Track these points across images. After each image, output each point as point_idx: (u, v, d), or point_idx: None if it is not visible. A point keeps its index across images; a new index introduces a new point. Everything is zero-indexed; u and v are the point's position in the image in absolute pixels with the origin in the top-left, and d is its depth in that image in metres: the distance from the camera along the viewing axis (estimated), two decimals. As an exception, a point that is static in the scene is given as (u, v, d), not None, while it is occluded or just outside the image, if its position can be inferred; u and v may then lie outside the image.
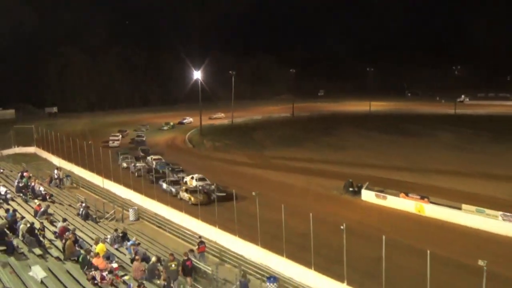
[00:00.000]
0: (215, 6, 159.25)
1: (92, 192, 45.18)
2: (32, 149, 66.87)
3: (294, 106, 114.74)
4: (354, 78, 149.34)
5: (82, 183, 48.41)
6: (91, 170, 49.89)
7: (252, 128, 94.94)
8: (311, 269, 25.56)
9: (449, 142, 72.47)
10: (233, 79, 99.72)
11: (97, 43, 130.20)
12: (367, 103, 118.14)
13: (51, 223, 28.68)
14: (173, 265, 21.75)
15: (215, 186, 41.08)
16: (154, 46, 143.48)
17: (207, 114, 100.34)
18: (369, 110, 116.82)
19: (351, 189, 44.03)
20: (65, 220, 28.15)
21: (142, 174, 49.06)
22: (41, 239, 23.76)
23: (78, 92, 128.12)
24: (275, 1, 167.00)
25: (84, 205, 34.31)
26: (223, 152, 71.42)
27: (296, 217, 29.41)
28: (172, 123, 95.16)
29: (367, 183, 43.66)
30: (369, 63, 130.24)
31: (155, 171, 46.82)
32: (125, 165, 54.23)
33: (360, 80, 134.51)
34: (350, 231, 26.08)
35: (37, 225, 25.33)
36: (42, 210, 29.97)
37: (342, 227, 24.94)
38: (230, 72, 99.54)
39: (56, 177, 45.68)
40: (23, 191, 36.10)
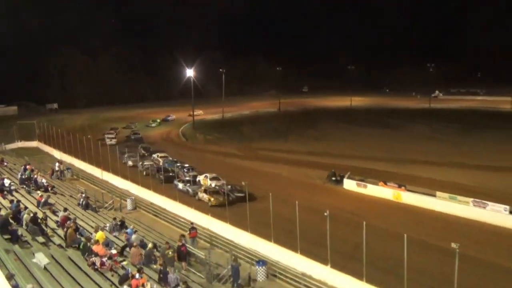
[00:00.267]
0: (207, 8, 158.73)
1: (91, 183, 44.92)
2: (34, 144, 66.33)
3: (280, 102, 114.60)
4: (336, 75, 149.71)
5: (82, 175, 48.13)
6: (91, 163, 49.62)
7: (241, 123, 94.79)
8: (297, 253, 25.66)
9: (424, 134, 73.10)
10: (223, 77, 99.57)
11: (96, 43, 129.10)
12: (349, 98, 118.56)
13: (53, 213, 28.55)
14: (170, 253, 21.90)
15: (232, 186, 38.43)
16: (149, 46, 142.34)
17: (189, 111, 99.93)
18: (350, 105, 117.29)
19: (334, 178, 44.24)
20: (66, 209, 28.05)
21: (152, 173, 46.06)
22: (43, 228, 23.65)
23: (77, 89, 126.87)
24: (264, 4, 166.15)
25: (84, 195, 34.18)
26: (214, 144, 71.33)
27: (282, 204, 29.43)
28: (159, 120, 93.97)
29: (349, 173, 43.91)
30: (350, 61, 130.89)
31: (161, 170, 44.32)
32: (131, 163, 50.58)
33: (342, 77, 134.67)
34: (333, 217, 26.19)
35: (40, 215, 25.17)
36: (43, 200, 29.77)
37: (325, 213, 25.04)
38: (221, 70, 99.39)
39: (57, 169, 45.36)
40: (26, 183, 35.88)
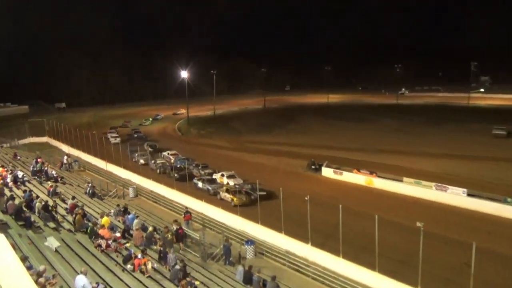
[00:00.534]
0: (200, 15, 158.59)
1: (97, 174, 44.54)
2: (44, 139, 65.48)
3: (265, 99, 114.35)
4: (315, 75, 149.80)
5: (88, 167, 47.67)
6: (96, 156, 49.15)
7: (230, 118, 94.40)
8: (281, 233, 25.78)
9: (392, 126, 73.34)
10: (214, 77, 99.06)
11: (98, 47, 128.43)
12: (326, 95, 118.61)
13: (63, 201, 28.26)
14: (169, 236, 21.89)
15: (253, 185, 34.80)
16: (147, 49, 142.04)
17: (173, 110, 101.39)
18: (327, 102, 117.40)
19: (313, 167, 44.39)
20: (74, 198, 27.78)
21: (166, 171, 42.82)
22: (54, 214, 23.41)
23: (82, 89, 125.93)
24: (249, 10, 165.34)
25: (90, 185, 33.95)
26: (207, 138, 71.02)
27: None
28: (151, 118, 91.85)
29: (326, 162, 44.06)
30: (327, 62, 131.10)
31: (176, 168, 41.33)
32: (142, 161, 47.48)
33: (320, 76, 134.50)
34: (313, 201, 26.27)
35: (50, 203, 24.91)
36: (52, 190, 29.49)
37: (306, 198, 25.12)
38: (212, 71, 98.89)
39: (65, 162, 44.91)
40: (38, 174, 35.41)
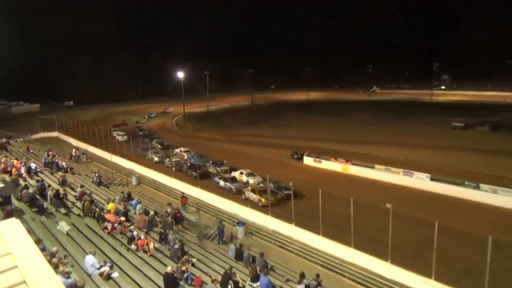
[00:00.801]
0: (194, 19, 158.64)
1: (103, 165, 44.03)
2: (55, 134, 64.59)
3: (253, 97, 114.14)
4: (296, 74, 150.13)
5: (95, 158, 47.11)
6: (101, 148, 48.64)
7: (222, 114, 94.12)
8: (268, 215, 25.92)
9: (365, 120, 73.87)
10: (207, 77, 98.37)
11: (102, 49, 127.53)
12: (306, 93, 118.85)
13: (72, 189, 28.00)
14: (169, 219, 21.89)
15: (277, 183, 31.76)
16: (147, 51, 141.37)
17: (163, 108, 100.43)
18: (308, 99, 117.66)
19: (296, 156, 44.57)
20: (83, 186, 27.62)
21: (184, 169, 38.98)
22: (64, 201, 23.18)
23: (88, 88, 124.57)
24: (238, 16, 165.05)
25: (97, 174, 33.63)
26: (201, 132, 70.69)
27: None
28: (147, 116, 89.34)
29: (307, 151, 44.25)
30: (307, 63, 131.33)
31: (193, 166, 38.02)
32: (156, 159, 44.03)
33: (301, 76, 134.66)
34: (296, 186, 26.44)
35: (61, 191, 24.65)
36: (62, 179, 29.18)
37: (290, 184, 25.25)
38: (205, 72, 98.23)
39: (74, 154, 44.39)
40: (49, 166, 35.04)
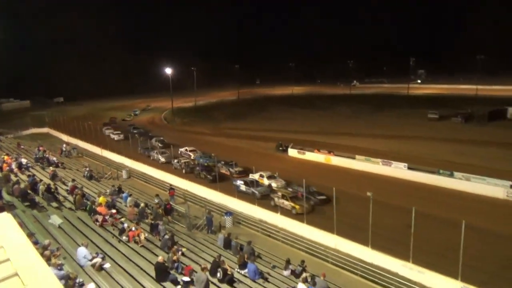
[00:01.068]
0: (182, 19, 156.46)
1: (93, 159, 43.44)
2: (45, 130, 63.42)
3: (239, 92, 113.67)
4: (281, 70, 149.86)
5: (86, 153, 46.44)
6: (92, 143, 47.94)
7: (209, 108, 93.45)
8: (255, 205, 25.98)
9: (346, 113, 74.24)
10: (195, 73, 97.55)
11: (92, 45, 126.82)
12: (290, 88, 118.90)
13: (63, 183, 27.56)
14: (159, 210, 21.75)
15: (309, 188, 27.27)
16: (137, 48, 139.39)
17: (147, 103, 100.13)
18: (292, 93, 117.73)
19: (281, 148, 44.70)
20: (74, 180, 27.15)
21: (196, 171, 35.39)
22: (56, 195, 22.81)
23: (78, 84, 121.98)
24: (223, 16, 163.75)
25: (88, 169, 33.17)
26: (190, 126, 70.17)
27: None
28: (133, 113, 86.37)
29: (292, 143, 44.38)
30: (290, 59, 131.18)
31: (206, 168, 35.13)
32: (163, 160, 40.63)
33: (285, 71, 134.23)
34: (281, 177, 26.57)
35: (52, 185, 24.22)
36: (52, 174, 28.71)
37: (275, 174, 25.31)
38: (192, 68, 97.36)
39: (64, 149, 43.65)
40: (40, 161, 34.43)
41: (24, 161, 31.81)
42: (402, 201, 24.94)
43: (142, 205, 22.19)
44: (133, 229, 17.68)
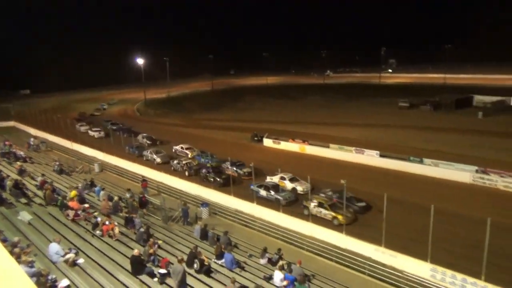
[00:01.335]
0: (155, 6, 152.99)
1: (63, 153, 42.10)
2: (11, 123, 60.82)
3: (213, 82, 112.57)
4: (255, 60, 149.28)
5: (55, 147, 44.92)
6: (62, 136, 46.42)
7: (183, 99, 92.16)
8: (231, 196, 26.01)
9: (319, 103, 74.98)
10: (167, 64, 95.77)
11: (61, 35, 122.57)
12: (265, 78, 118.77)
13: (32, 178, 26.66)
14: (134, 203, 21.46)
15: (351, 196, 23.83)
16: (108, 37, 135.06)
17: (112, 96, 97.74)
18: (267, 83, 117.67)
19: (256, 138, 44.77)
20: (43, 175, 26.39)
21: (202, 173, 31.06)
22: (25, 191, 22.04)
23: (47, 76, 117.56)
24: (197, 7, 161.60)
25: (58, 163, 32.24)
26: (163, 117, 69.01)
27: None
28: (101, 107, 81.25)
29: (267, 133, 44.50)
30: (265, 49, 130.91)
31: (205, 167, 32.05)
32: (159, 160, 36.40)
33: (260, 61, 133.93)
34: (257, 167, 26.65)
35: (20, 181, 23.38)
36: (19, 169, 27.73)
37: (251, 165, 25.38)
38: (165, 58, 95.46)
39: (32, 143, 42.13)
40: (6, 156, 33.10)
41: (-12, 156, 30.59)
42: (374, 187, 25.48)
43: (116, 198, 21.82)
44: (107, 223, 17.38)
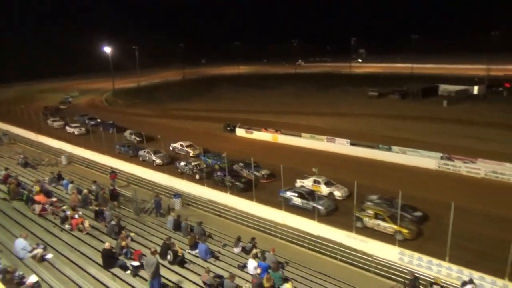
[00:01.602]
0: None
1: (28, 145, 40.45)
2: (-32, 115, 57.66)
3: (184, 72, 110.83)
4: (226, 49, 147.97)
5: (19, 139, 43.04)
6: (25, 128, 44.53)
7: (153, 89, 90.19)
8: (204, 186, 25.90)
9: (291, 92, 75.21)
10: (136, 53, 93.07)
11: (23, 23, 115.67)
12: (237, 67, 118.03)
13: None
14: (105, 195, 21.01)
15: (395, 201, 19.82)
16: (72, 27, 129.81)
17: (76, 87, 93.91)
18: (238, 72, 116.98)
19: (228, 128, 44.62)
20: (7, 169, 25.20)
21: (216, 177, 27.40)
22: (-14, 186, 21.09)
23: (5, 66, 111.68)
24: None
25: (22, 156, 30.90)
26: (133, 108, 67.28)
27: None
28: (66, 100, 74.09)
29: (239, 123, 44.38)
30: (236, 38, 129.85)
31: (220, 169, 28.31)
32: (159, 161, 32.70)
33: (231, 50, 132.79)
34: (230, 156, 26.59)
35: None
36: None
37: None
38: (134, 47, 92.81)
39: (-9, 136, 40.22)
40: (-35, 149, 31.41)
41: None
42: (345, 175, 26.06)
43: (85, 191, 21.24)
44: (76, 216, 16.92)
